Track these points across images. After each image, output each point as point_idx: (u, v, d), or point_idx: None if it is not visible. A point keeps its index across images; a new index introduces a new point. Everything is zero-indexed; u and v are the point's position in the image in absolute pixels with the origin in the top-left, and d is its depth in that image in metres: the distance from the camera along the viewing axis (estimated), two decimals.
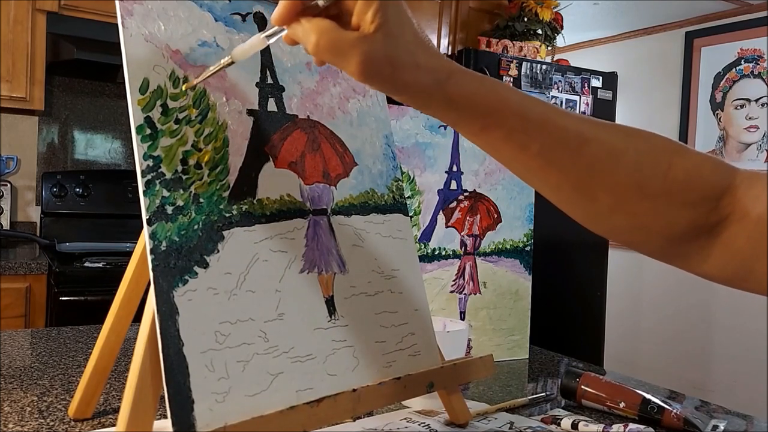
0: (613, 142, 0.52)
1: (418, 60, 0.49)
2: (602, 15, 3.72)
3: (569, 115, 0.53)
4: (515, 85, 2.83)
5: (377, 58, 0.48)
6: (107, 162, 2.81)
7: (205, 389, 0.56)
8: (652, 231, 0.53)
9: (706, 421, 0.87)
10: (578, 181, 0.53)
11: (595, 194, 0.53)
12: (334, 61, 0.49)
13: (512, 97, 0.51)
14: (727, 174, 0.53)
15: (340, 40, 0.48)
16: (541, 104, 0.52)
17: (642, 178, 0.52)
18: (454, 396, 0.79)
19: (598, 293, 3.15)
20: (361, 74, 0.49)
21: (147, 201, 0.57)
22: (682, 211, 0.52)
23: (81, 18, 2.38)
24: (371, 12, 0.48)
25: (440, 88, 0.50)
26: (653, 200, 0.52)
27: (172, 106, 0.60)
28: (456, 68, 0.51)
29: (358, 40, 0.48)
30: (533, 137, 0.51)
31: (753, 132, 3.46)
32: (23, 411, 0.78)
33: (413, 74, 0.49)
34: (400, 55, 0.49)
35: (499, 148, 0.53)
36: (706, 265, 0.54)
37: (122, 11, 0.59)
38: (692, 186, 0.52)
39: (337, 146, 0.74)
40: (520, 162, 0.53)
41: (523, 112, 0.51)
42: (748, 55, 3.48)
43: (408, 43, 0.49)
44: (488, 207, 1.19)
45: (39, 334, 1.20)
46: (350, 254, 0.72)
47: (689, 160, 0.53)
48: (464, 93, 0.50)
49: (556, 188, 0.54)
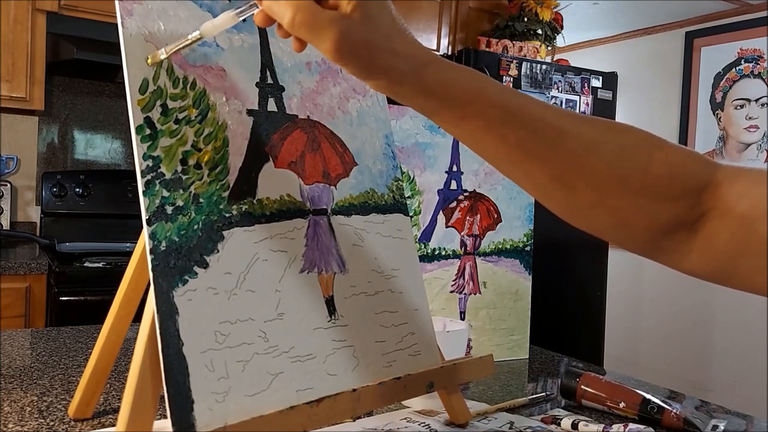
0: (593, 135, 0.52)
1: (395, 46, 0.49)
2: (602, 15, 3.72)
3: (549, 107, 0.53)
4: (515, 85, 2.84)
5: (353, 39, 0.47)
6: (107, 162, 2.81)
7: (204, 389, 0.56)
8: (633, 225, 0.53)
9: (706, 421, 0.87)
10: (558, 173, 0.52)
11: (576, 187, 0.52)
12: (309, 38, 0.48)
13: (491, 88, 0.51)
14: (708, 168, 0.53)
15: (317, 17, 0.47)
16: (521, 96, 0.52)
17: (622, 172, 0.52)
18: (454, 396, 0.79)
19: (598, 293, 3.15)
20: (336, 53, 0.48)
21: (147, 201, 0.57)
22: (663, 206, 0.52)
23: (81, 18, 2.38)
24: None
25: (416, 76, 0.50)
26: (634, 194, 0.52)
27: (171, 106, 0.60)
28: (434, 58, 0.50)
29: (336, 18, 0.47)
30: (512, 128, 0.51)
31: (753, 132, 3.46)
32: (23, 411, 0.78)
33: (389, 59, 0.49)
34: (377, 39, 0.48)
35: (479, 139, 0.53)
36: (687, 260, 0.54)
37: (122, 11, 0.59)
38: (673, 180, 0.52)
39: (337, 146, 0.74)
40: (501, 153, 0.53)
41: (502, 102, 0.51)
42: (748, 55, 3.48)
43: (385, 27, 0.49)
44: (488, 207, 1.19)
45: (39, 334, 1.20)
46: (350, 254, 0.72)
47: (670, 154, 0.53)
48: (442, 81, 0.50)
49: (537, 181, 0.54)
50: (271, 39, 0.71)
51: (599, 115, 3.07)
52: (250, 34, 0.69)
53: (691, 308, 3.63)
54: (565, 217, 0.56)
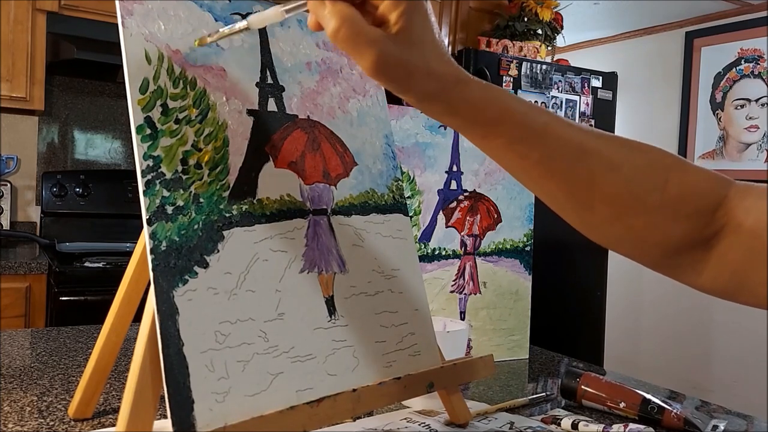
0: (612, 154, 0.53)
1: (431, 66, 0.49)
2: (602, 15, 3.71)
3: (572, 125, 0.54)
4: (515, 85, 2.84)
5: (393, 60, 0.48)
6: (107, 162, 2.81)
7: (205, 389, 0.56)
8: (648, 243, 0.54)
9: (706, 421, 0.87)
10: (577, 191, 0.53)
11: (593, 205, 0.53)
12: (349, 52, 0.48)
13: (516, 107, 0.52)
14: (723, 187, 0.54)
15: (360, 34, 0.47)
16: (545, 114, 0.53)
17: (640, 192, 0.53)
18: (454, 396, 0.79)
19: (598, 293, 3.15)
20: (374, 71, 0.48)
21: (147, 201, 0.57)
22: (679, 224, 0.53)
23: (81, 18, 2.38)
24: (397, 13, 0.48)
25: (445, 94, 0.50)
26: (650, 213, 0.53)
27: (172, 106, 0.60)
28: (463, 76, 0.51)
29: (379, 38, 0.47)
30: (534, 147, 0.52)
31: (753, 132, 3.46)
32: (23, 411, 0.78)
33: (423, 80, 0.49)
34: (415, 60, 0.48)
35: (500, 155, 0.54)
36: (702, 278, 0.55)
37: (122, 11, 0.59)
38: (689, 200, 0.53)
39: (337, 146, 0.74)
40: (521, 169, 0.54)
41: (526, 121, 0.52)
42: (748, 55, 3.48)
43: (426, 48, 0.49)
44: (488, 207, 1.19)
45: (39, 334, 1.20)
46: (350, 254, 0.72)
47: (687, 174, 0.54)
48: (468, 100, 0.51)
49: (555, 197, 0.55)
50: (272, 39, 0.71)
51: (599, 115, 3.08)
52: (250, 34, 0.69)
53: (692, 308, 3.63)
54: (580, 230, 0.56)
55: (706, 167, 0.55)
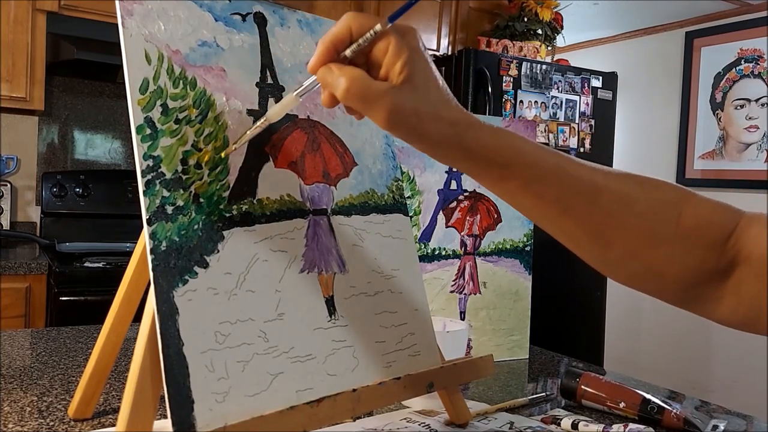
0: (625, 190, 0.54)
1: (440, 112, 0.51)
2: (602, 15, 3.71)
3: (582, 164, 0.55)
4: (515, 85, 2.83)
5: (404, 109, 0.50)
6: (107, 162, 2.81)
7: (205, 389, 0.56)
8: (666, 277, 0.55)
9: (706, 421, 0.87)
10: (593, 229, 0.54)
11: (610, 242, 0.54)
12: (361, 108, 0.51)
13: (527, 149, 0.53)
14: (733, 217, 0.55)
15: (370, 89, 0.50)
16: (555, 155, 0.54)
17: (655, 226, 0.54)
18: (454, 396, 0.79)
19: (598, 293, 3.15)
20: (388, 123, 0.51)
21: (147, 201, 0.57)
22: (695, 256, 0.54)
23: (81, 18, 2.39)
24: (400, 63, 0.50)
25: (459, 139, 0.52)
26: (666, 247, 0.54)
27: (172, 106, 0.61)
28: (474, 120, 0.53)
29: (387, 90, 0.50)
30: (550, 185, 0.53)
31: (753, 132, 3.46)
32: (23, 411, 0.78)
33: (435, 125, 0.51)
34: (424, 107, 0.51)
35: (517, 198, 0.55)
36: (720, 309, 0.56)
37: (122, 11, 0.59)
38: (702, 231, 0.54)
39: (337, 146, 0.74)
40: (538, 209, 0.55)
41: (539, 162, 0.53)
42: (748, 55, 3.48)
43: (432, 95, 0.51)
44: (488, 207, 1.19)
45: (39, 334, 1.20)
46: (350, 254, 0.72)
47: (698, 206, 0.55)
48: (482, 145, 0.52)
49: (574, 235, 0.56)
50: (272, 39, 0.71)
51: (599, 115, 3.08)
52: (250, 34, 0.69)
53: None
54: (599, 269, 0.58)
55: (706, 167, 0.56)
